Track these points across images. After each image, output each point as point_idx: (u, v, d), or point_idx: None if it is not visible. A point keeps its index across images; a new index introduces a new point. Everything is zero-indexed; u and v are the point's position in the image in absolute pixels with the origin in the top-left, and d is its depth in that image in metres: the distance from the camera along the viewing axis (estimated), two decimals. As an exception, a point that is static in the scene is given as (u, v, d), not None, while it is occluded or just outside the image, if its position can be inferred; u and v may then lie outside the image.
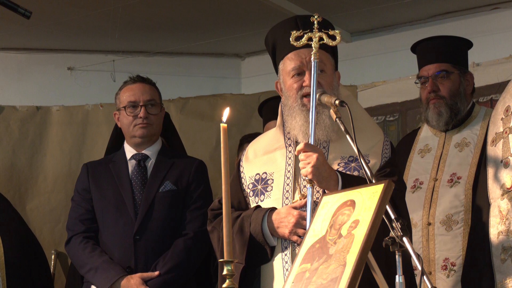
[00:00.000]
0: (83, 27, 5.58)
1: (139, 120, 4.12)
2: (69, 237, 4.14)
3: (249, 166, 3.40)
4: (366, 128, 3.32)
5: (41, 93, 6.00)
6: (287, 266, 3.12)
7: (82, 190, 4.20)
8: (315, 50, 3.14)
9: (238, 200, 3.35)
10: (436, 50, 4.18)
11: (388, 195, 2.55)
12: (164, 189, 4.08)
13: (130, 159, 4.17)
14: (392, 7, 5.34)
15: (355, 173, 3.19)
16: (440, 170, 4.06)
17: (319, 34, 3.15)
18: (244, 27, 5.66)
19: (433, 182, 4.04)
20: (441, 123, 4.12)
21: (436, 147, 4.15)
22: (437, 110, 4.10)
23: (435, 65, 4.13)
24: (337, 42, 3.14)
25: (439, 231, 3.94)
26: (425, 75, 4.15)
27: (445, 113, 4.09)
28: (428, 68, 4.14)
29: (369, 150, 3.25)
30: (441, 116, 4.10)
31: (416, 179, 4.12)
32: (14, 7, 3.72)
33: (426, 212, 3.99)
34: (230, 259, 2.50)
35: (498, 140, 3.44)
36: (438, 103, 4.10)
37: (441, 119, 4.11)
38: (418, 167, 4.15)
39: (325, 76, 3.25)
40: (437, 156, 4.12)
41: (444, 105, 4.10)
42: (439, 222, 3.95)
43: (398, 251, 2.53)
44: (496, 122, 3.51)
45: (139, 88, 4.18)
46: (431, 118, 4.13)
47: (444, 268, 3.91)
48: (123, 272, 3.93)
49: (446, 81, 4.11)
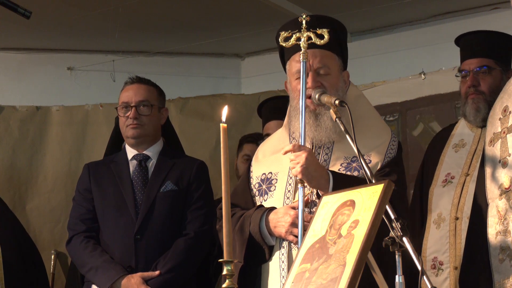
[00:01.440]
0: (83, 27, 5.58)
1: (130, 121, 4.14)
2: (70, 236, 4.15)
3: (257, 166, 3.42)
4: (373, 127, 3.31)
5: (41, 93, 6.00)
6: (284, 266, 3.13)
7: (83, 190, 4.21)
8: (303, 50, 3.12)
9: (245, 200, 3.36)
10: (480, 44, 4.11)
11: (388, 195, 2.55)
12: (165, 189, 4.09)
13: (131, 159, 4.19)
14: (392, 7, 5.35)
15: (355, 173, 3.19)
16: (473, 166, 4.03)
17: (307, 34, 3.13)
18: (244, 27, 5.66)
19: (464, 177, 4.01)
20: (478, 118, 4.05)
21: (471, 143, 4.11)
22: (476, 106, 4.03)
23: (478, 60, 4.06)
24: (325, 41, 3.12)
25: (466, 226, 3.93)
26: (467, 69, 4.08)
27: (484, 109, 4.01)
28: (470, 62, 4.08)
29: (374, 150, 3.24)
30: (479, 111, 4.03)
31: (448, 173, 4.08)
32: (14, 7, 3.72)
33: (454, 206, 3.97)
34: (230, 259, 2.50)
35: (496, 140, 3.43)
36: (477, 98, 4.03)
37: (478, 115, 4.04)
38: (451, 161, 4.11)
39: (328, 78, 3.24)
40: (471, 151, 4.08)
41: (483, 101, 4.02)
42: (467, 217, 3.92)
43: (398, 251, 2.53)
44: (494, 122, 3.50)
45: (134, 89, 4.20)
46: (468, 113, 4.07)
47: None
48: (124, 272, 3.94)
49: (487, 77, 4.04)
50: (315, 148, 3.28)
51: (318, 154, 3.27)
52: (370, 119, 3.33)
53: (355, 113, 3.13)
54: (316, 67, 3.24)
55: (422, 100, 5.44)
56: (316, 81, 3.23)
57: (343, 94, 3.26)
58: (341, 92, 3.26)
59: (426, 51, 5.53)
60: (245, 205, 3.34)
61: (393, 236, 2.53)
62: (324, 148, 3.25)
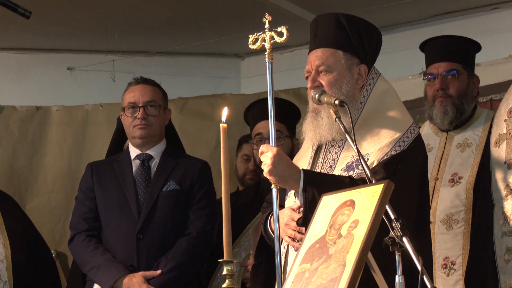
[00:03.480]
0: (83, 27, 5.58)
1: (138, 121, 4.15)
2: (72, 235, 4.16)
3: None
4: (390, 122, 3.22)
5: (41, 93, 6.00)
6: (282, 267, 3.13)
7: (86, 189, 4.22)
8: (268, 51, 3.12)
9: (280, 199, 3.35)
10: (447, 48, 4.14)
11: (388, 195, 2.55)
12: (168, 188, 4.10)
13: (134, 159, 4.20)
14: (392, 7, 5.34)
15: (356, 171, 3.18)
16: (441, 170, 4.06)
17: (270, 34, 3.12)
18: (244, 27, 5.66)
19: (434, 181, 4.03)
20: (446, 121, 4.08)
21: (437, 147, 4.13)
22: (443, 109, 4.06)
23: (446, 64, 4.09)
24: (284, 38, 3.11)
25: (440, 230, 3.94)
26: (435, 72, 4.10)
27: (451, 112, 4.06)
28: (438, 65, 4.10)
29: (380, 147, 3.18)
30: (446, 114, 4.07)
31: None
32: (14, 7, 3.72)
33: None
34: (230, 259, 2.51)
35: (502, 142, 3.43)
36: (445, 101, 4.06)
37: (446, 118, 4.08)
38: None
39: (328, 76, 3.24)
40: (438, 155, 4.11)
41: (450, 104, 4.06)
42: (440, 221, 3.95)
43: (398, 251, 2.52)
44: (500, 123, 3.50)
45: (140, 90, 4.20)
46: (435, 115, 4.10)
47: (444, 266, 3.91)
48: (125, 271, 3.94)
49: (455, 81, 4.07)
50: (326, 146, 3.27)
51: (329, 152, 3.26)
52: (390, 113, 3.26)
53: (377, 107, 3.11)
54: (316, 66, 3.25)
55: (422, 100, 5.44)
56: (314, 81, 3.24)
57: (352, 90, 3.24)
58: (349, 87, 3.23)
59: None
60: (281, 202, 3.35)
61: (393, 236, 2.53)
62: (336, 147, 3.25)
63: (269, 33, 3.13)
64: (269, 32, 3.13)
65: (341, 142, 3.24)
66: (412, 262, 2.52)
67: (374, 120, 3.21)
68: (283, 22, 3.41)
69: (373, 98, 3.25)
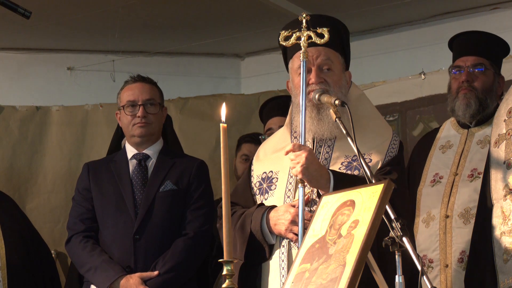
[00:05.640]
0: (83, 27, 5.58)
1: (138, 119, 4.14)
2: (69, 236, 4.15)
3: (258, 165, 3.42)
4: (374, 126, 3.31)
5: (41, 93, 6.00)
6: (283, 265, 3.13)
7: (82, 189, 4.21)
8: (303, 49, 3.12)
9: (245, 199, 3.36)
10: (477, 43, 4.11)
11: (388, 195, 2.55)
12: (165, 188, 4.09)
13: (131, 158, 4.18)
14: (392, 7, 5.34)
15: (356, 172, 3.19)
16: (461, 165, 4.04)
17: (307, 33, 3.13)
18: (244, 27, 5.66)
19: (453, 176, 4.02)
20: (467, 114, 4.05)
21: (458, 143, 4.12)
22: (467, 101, 4.03)
23: (474, 58, 4.07)
24: (325, 40, 3.12)
25: (457, 224, 3.93)
26: (462, 65, 4.08)
27: (474, 105, 4.02)
28: (466, 59, 4.08)
29: (374, 148, 3.24)
30: (469, 107, 4.03)
31: (436, 173, 4.09)
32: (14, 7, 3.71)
33: (444, 205, 3.98)
34: (230, 259, 2.50)
35: (501, 142, 3.44)
36: (469, 94, 4.03)
37: (468, 110, 4.04)
38: (438, 162, 4.12)
39: (332, 74, 3.25)
40: (458, 151, 4.09)
41: (474, 97, 4.02)
42: (457, 215, 3.93)
43: (398, 251, 2.52)
44: (499, 123, 3.51)
45: (139, 88, 4.19)
46: (458, 107, 4.06)
47: (460, 260, 3.90)
48: (123, 272, 3.93)
49: (482, 76, 4.05)
50: (316, 144, 3.28)
51: (319, 152, 3.27)
52: (371, 118, 3.34)
53: (356, 113, 3.13)
54: (319, 63, 3.25)
55: (422, 100, 5.45)
56: (319, 77, 3.23)
57: (345, 93, 3.26)
58: (344, 90, 3.26)
59: (426, 51, 5.53)
60: (245, 203, 3.35)
61: (393, 236, 2.53)
62: (325, 146, 3.25)
63: (306, 32, 3.12)
64: (307, 31, 3.12)
65: (331, 141, 3.26)
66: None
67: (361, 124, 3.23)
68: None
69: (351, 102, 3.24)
